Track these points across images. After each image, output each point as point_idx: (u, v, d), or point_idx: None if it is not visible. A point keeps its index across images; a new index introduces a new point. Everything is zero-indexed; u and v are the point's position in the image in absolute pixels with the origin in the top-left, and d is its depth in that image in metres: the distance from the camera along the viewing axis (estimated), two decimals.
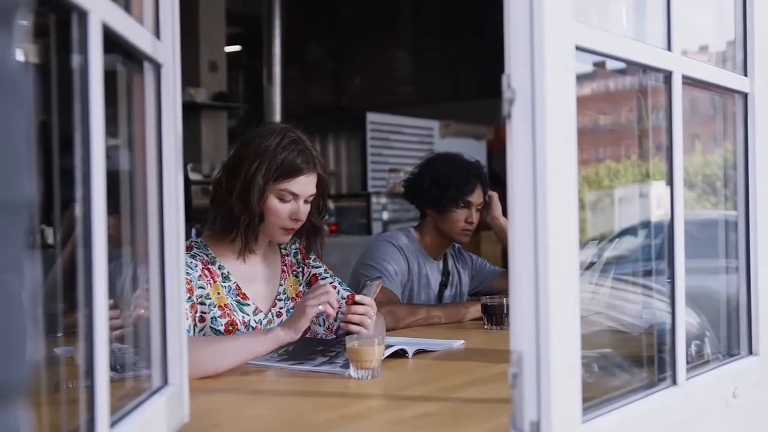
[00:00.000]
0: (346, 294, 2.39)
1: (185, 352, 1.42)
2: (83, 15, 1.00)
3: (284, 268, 2.37)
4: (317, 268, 2.44)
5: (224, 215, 2.21)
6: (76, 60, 1.02)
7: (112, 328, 1.43)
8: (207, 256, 2.22)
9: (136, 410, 1.23)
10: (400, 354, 2.11)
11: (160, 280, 1.37)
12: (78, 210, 1.02)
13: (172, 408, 1.36)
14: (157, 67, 1.35)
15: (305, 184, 2.22)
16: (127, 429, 1.14)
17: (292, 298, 2.35)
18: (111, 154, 1.10)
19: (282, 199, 2.20)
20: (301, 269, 2.41)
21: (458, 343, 2.35)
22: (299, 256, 2.43)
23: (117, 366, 1.31)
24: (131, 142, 1.37)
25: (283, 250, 2.40)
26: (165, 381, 1.38)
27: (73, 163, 1.03)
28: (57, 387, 1.27)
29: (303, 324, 1.98)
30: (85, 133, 1.02)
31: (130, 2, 1.29)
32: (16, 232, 0.61)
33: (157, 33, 1.36)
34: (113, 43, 1.12)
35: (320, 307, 1.99)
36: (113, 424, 1.10)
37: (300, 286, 2.39)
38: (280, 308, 2.31)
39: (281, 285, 2.34)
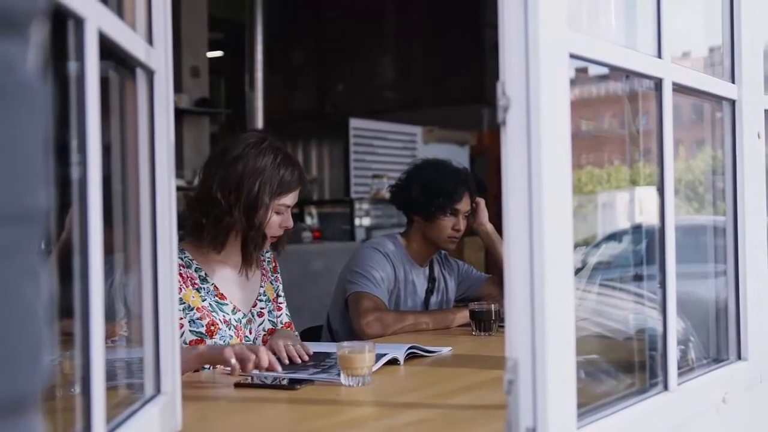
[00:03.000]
0: (286, 320, 2.44)
1: (178, 361, 1.41)
2: (80, 22, 0.99)
3: (263, 271, 2.46)
4: (280, 284, 2.52)
5: (222, 230, 2.25)
6: (72, 67, 1.02)
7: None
8: (182, 259, 2.25)
9: (129, 419, 1.22)
10: (391, 361, 2.11)
11: (153, 289, 1.36)
12: (74, 217, 1.02)
13: (165, 417, 1.35)
14: (149, 73, 1.35)
15: (296, 195, 2.33)
16: None
17: (272, 300, 2.44)
18: (103, 161, 1.09)
19: (278, 213, 2.29)
20: (275, 277, 2.51)
21: (446, 350, 2.35)
22: (271, 266, 2.51)
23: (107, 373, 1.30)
24: (123, 149, 1.36)
25: (260, 255, 2.46)
26: (158, 390, 1.37)
27: (68, 169, 1.03)
28: (47, 395, 1.26)
29: (216, 359, 1.99)
30: (82, 140, 1.01)
31: (123, 8, 1.28)
32: (31, 241, 0.61)
33: (149, 39, 1.35)
34: (107, 49, 1.12)
35: (233, 361, 1.91)
36: None
37: (274, 292, 2.48)
38: (261, 308, 2.40)
39: (262, 287, 2.42)
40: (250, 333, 2.34)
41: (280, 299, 2.50)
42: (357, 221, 7.31)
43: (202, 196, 2.27)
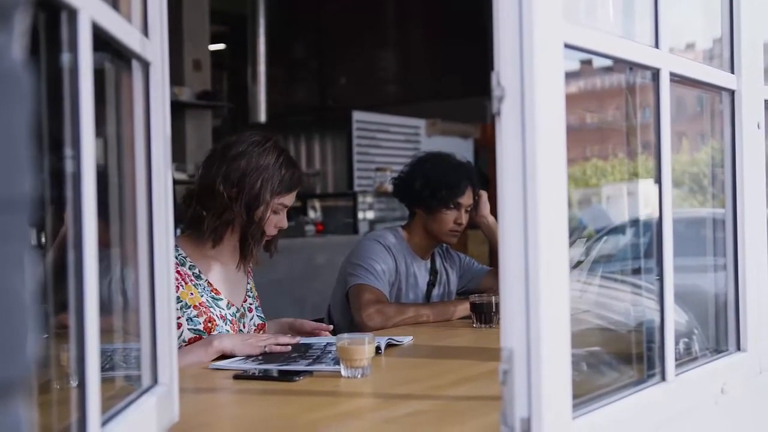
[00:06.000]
0: (258, 322, 2.46)
1: (175, 352, 1.42)
2: (73, 13, 0.99)
3: (249, 270, 2.49)
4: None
5: (222, 223, 2.27)
6: (65, 58, 1.02)
7: None
8: (176, 258, 2.26)
9: (126, 410, 1.22)
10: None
11: (149, 281, 1.37)
12: (67, 210, 1.02)
13: (162, 407, 1.35)
14: (145, 65, 1.35)
15: (294, 196, 2.37)
16: (118, 428, 1.13)
17: (256, 297, 2.49)
18: (97, 154, 1.09)
19: (275, 212, 2.32)
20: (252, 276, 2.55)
21: (408, 339, 2.37)
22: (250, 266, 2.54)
23: (104, 365, 1.31)
24: (119, 142, 1.36)
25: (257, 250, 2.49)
26: (155, 380, 1.37)
27: (60, 162, 1.03)
28: (45, 387, 1.26)
29: (240, 350, 2.11)
30: (75, 133, 1.01)
31: (118, 0, 1.28)
32: (18, 228, 0.61)
33: (145, 31, 1.35)
34: (101, 41, 1.12)
35: (266, 349, 2.13)
36: (104, 423, 1.09)
37: (255, 290, 2.53)
38: (250, 304, 2.44)
39: (249, 284, 2.47)
40: (244, 327, 2.37)
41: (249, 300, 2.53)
42: (360, 215, 7.31)
43: (202, 190, 2.29)
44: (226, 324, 2.28)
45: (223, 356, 2.10)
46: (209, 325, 2.24)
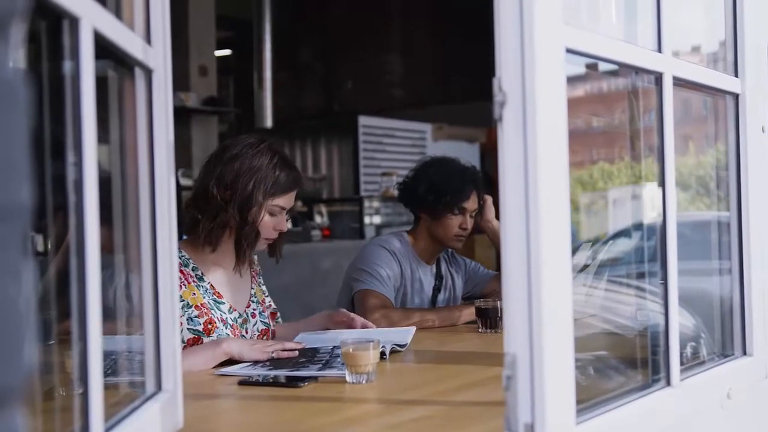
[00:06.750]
0: (262, 327, 2.45)
1: (179, 359, 1.42)
2: (74, 21, 1.00)
3: (253, 274, 2.49)
4: (263, 286, 2.55)
5: (216, 226, 2.27)
6: (67, 66, 1.02)
7: None
8: (180, 258, 2.27)
9: (130, 416, 1.22)
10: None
11: (153, 288, 1.37)
12: (70, 217, 1.02)
13: (166, 414, 1.35)
14: (148, 72, 1.35)
15: (292, 198, 2.36)
16: None
17: (260, 302, 2.48)
18: (101, 160, 1.09)
19: (272, 214, 2.32)
20: (261, 279, 2.54)
21: (411, 330, 2.40)
22: (257, 270, 2.55)
23: (108, 371, 1.31)
24: (122, 149, 1.37)
25: (252, 254, 2.49)
26: (159, 387, 1.37)
27: (64, 169, 1.03)
28: (50, 394, 1.27)
29: (247, 355, 2.10)
30: (77, 140, 1.02)
31: (121, 8, 1.28)
32: (14, 237, 0.61)
33: (147, 38, 1.35)
34: (104, 48, 1.12)
35: (273, 355, 2.12)
36: (107, 430, 1.10)
37: (263, 294, 2.52)
38: (254, 310, 2.44)
39: (252, 289, 2.46)
40: (246, 333, 2.36)
41: (268, 299, 2.54)
42: (366, 219, 7.31)
43: (199, 193, 2.31)
44: (226, 328, 2.28)
45: (229, 360, 2.10)
46: (209, 326, 2.24)
